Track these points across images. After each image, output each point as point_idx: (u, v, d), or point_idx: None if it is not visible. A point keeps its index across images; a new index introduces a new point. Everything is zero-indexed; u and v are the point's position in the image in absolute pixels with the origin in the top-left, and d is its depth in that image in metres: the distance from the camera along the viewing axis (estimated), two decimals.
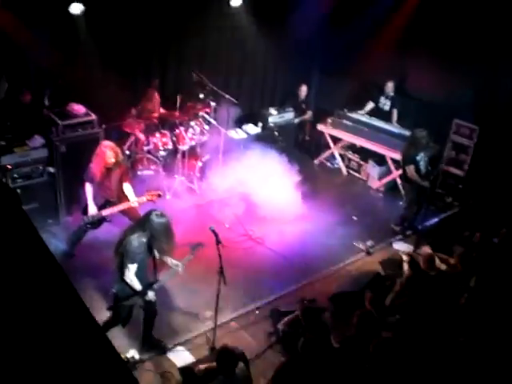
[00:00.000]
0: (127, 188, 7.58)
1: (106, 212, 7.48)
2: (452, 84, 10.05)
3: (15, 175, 8.27)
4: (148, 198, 7.47)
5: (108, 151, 7.37)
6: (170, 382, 6.18)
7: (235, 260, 7.75)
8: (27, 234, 2.40)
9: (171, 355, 6.57)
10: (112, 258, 6.11)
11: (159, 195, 7.62)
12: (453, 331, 6.11)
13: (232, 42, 11.01)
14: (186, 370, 6.20)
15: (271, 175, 9.63)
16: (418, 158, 8.88)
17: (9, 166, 8.16)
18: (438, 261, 7.44)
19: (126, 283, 5.95)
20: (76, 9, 8.53)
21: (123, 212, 7.62)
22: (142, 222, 6.04)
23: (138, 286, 5.98)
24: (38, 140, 8.55)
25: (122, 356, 6.27)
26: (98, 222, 7.57)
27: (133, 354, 6.40)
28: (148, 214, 5.98)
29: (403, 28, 10.60)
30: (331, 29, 11.19)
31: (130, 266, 5.85)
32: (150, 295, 6.06)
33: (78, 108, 8.82)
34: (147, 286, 6.05)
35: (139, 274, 5.96)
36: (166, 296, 7.46)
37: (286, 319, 6.56)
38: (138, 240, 5.86)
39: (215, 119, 10.20)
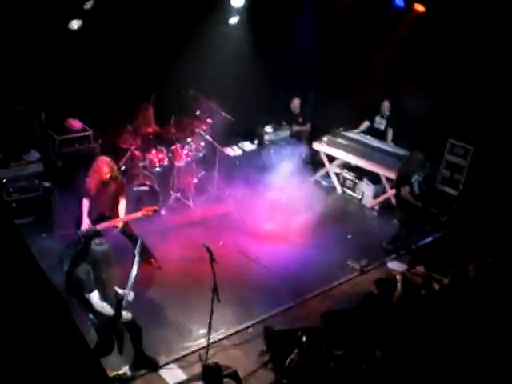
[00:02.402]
0: (121, 204, 7.59)
1: (100, 226, 7.46)
2: (448, 104, 10.13)
3: (11, 189, 8.29)
4: (143, 213, 7.48)
5: (104, 167, 7.39)
6: None
7: (229, 277, 7.72)
8: (17, 248, 2.40)
9: (163, 373, 6.52)
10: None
11: (155, 210, 7.63)
12: (443, 350, 6.11)
13: (229, 60, 11.07)
14: None
15: (267, 193, 9.67)
16: (412, 179, 8.92)
17: (4, 180, 8.19)
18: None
19: (99, 312, 5.93)
20: (75, 25, 8.59)
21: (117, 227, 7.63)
22: (82, 252, 6.05)
23: (110, 310, 5.94)
24: (34, 154, 8.57)
25: (114, 373, 6.25)
26: (92, 236, 7.54)
27: (125, 370, 6.37)
28: (88, 244, 6.01)
29: (399, 48, 10.70)
30: (328, 48, 11.29)
31: (90, 295, 5.85)
32: (125, 316, 6.03)
33: (75, 123, 8.86)
34: (118, 306, 6.00)
35: (105, 298, 5.95)
36: (159, 313, 7.46)
37: (292, 358, 6.40)
38: (82, 270, 5.89)
39: (211, 136, 10.23)
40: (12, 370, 1.81)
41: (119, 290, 6.14)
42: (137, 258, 6.15)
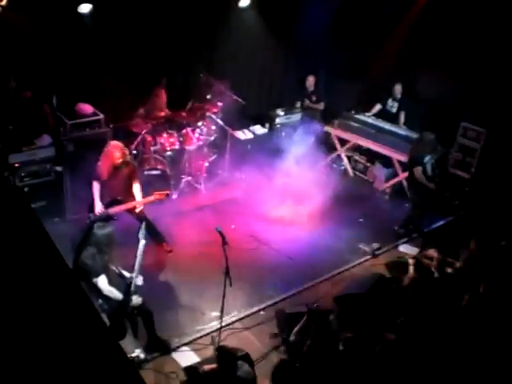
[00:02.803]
0: (136, 188, 7.62)
1: (112, 210, 7.50)
2: (460, 87, 10.05)
3: (23, 174, 8.33)
4: (156, 197, 7.51)
5: (116, 151, 7.41)
6: (174, 382, 6.18)
7: (241, 261, 7.73)
8: (35, 231, 2.42)
9: (176, 355, 6.57)
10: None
11: (167, 194, 7.65)
12: (455, 334, 6.10)
13: (240, 43, 11.02)
14: (190, 371, 6.19)
15: (278, 176, 9.67)
16: (425, 160, 8.87)
17: (16, 165, 8.23)
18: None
19: (108, 297, 5.96)
20: (85, 8, 8.56)
21: (129, 211, 7.66)
22: (86, 237, 6.08)
23: (118, 294, 5.97)
24: (46, 139, 8.59)
25: (128, 356, 6.28)
26: (105, 220, 7.57)
27: (138, 353, 6.41)
28: (91, 228, 6.04)
29: (412, 30, 10.60)
30: (339, 30, 11.21)
31: (97, 280, 5.88)
32: (135, 300, 6.04)
33: (86, 107, 8.86)
34: (126, 291, 6.01)
35: (112, 283, 5.98)
36: (171, 296, 7.50)
37: (295, 329, 6.52)
38: (88, 255, 5.91)
39: (222, 120, 10.22)
40: (32, 353, 1.83)
41: (127, 274, 6.16)
42: (142, 242, 6.15)
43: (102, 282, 5.90)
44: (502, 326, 6.20)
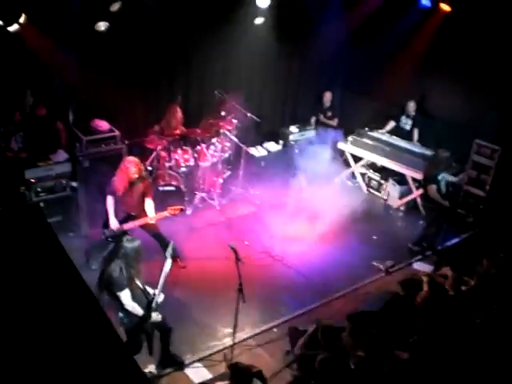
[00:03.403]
0: (149, 204, 7.66)
1: (127, 226, 7.54)
2: (474, 104, 10.04)
3: (39, 189, 8.42)
4: (170, 213, 7.52)
5: (132, 167, 7.46)
6: None
7: (254, 277, 7.74)
8: (51, 245, 2.45)
9: (189, 371, 6.57)
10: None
11: (182, 209, 7.67)
12: (469, 352, 6.05)
13: (255, 60, 11.09)
14: None
15: (292, 192, 9.68)
16: (439, 177, 8.86)
17: (32, 180, 8.31)
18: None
19: (129, 312, 5.96)
20: (101, 26, 8.66)
21: (143, 227, 7.69)
22: (115, 250, 6.11)
23: (139, 310, 5.97)
24: (61, 155, 8.68)
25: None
26: (119, 235, 7.61)
27: (151, 369, 6.41)
28: (120, 241, 6.08)
29: (426, 48, 10.62)
30: (354, 48, 11.26)
31: (121, 294, 5.89)
32: (154, 317, 6.04)
33: (102, 124, 8.95)
34: (147, 307, 6.02)
35: (135, 298, 6.00)
36: (184, 312, 7.49)
37: (300, 342, 6.50)
38: (115, 268, 5.93)
39: (237, 136, 10.27)
40: (48, 365, 1.84)
41: (150, 290, 6.17)
42: (168, 261, 6.17)
43: (126, 296, 5.90)
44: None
